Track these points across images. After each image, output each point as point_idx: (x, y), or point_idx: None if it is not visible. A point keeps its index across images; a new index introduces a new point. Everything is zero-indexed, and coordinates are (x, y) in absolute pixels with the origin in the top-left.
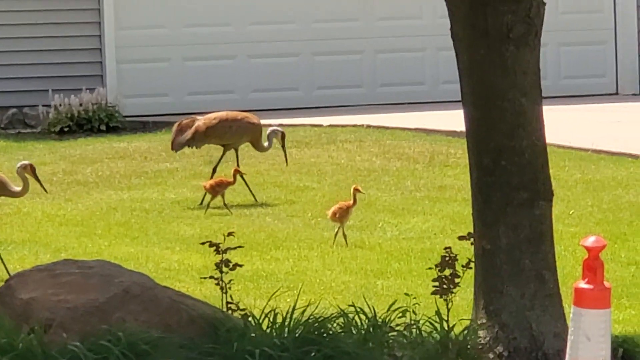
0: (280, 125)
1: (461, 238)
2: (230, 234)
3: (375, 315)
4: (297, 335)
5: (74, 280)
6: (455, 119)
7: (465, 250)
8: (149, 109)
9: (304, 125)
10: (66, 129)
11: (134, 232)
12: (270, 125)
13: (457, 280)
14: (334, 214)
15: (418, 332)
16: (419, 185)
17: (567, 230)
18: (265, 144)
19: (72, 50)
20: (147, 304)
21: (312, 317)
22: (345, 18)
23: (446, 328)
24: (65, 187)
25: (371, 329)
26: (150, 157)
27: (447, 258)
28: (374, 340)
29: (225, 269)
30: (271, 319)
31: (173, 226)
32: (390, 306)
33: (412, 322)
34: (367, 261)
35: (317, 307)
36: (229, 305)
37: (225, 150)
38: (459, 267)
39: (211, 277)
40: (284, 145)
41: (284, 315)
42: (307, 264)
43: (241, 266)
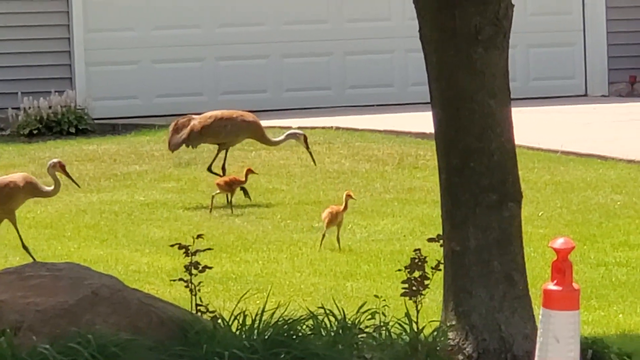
0: None
1: (430, 240)
2: (199, 236)
3: (345, 317)
4: (266, 337)
5: (43, 282)
6: (424, 121)
7: (435, 252)
8: (118, 111)
9: (273, 127)
10: (35, 132)
11: (104, 234)
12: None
13: (426, 282)
14: (325, 217)
15: (387, 333)
16: (388, 187)
17: (537, 231)
18: (274, 138)
19: (41, 52)
20: (116, 306)
21: (281, 319)
22: (314, 20)
23: (415, 330)
24: None
25: (340, 331)
26: (119, 159)
27: (417, 260)
28: (344, 342)
29: (194, 271)
30: (240, 321)
31: (142, 228)
32: (360, 308)
33: (382, 323)
34: (337, 263)
35: (286, 309)
36: (199, 308)
37: (221, 149)
38: (428, 269)
39: (180, 279)
40: (307, 147)
41: (254, 317)
42: (277, 266)
43: (210, 268)
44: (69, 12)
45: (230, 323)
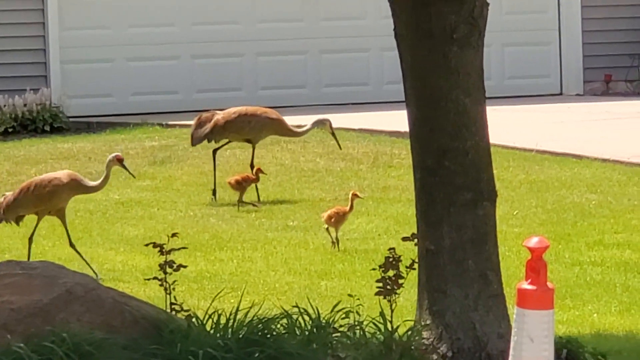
0: None
1: (405, 239)
2: (174, 234)
3: (319, 316)
4: (240, 336)
5: (17, 281)
6: (399, 120)
7: (409, 251)
8: (93, 109)
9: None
10: (10, 130)
11: (78, 233)
12: None
13: (400, 281)
14: (329, 218)
15: (362, 333)
16: (362, 186)
17: (511, 230)
18: (298, 129)
19: (16, 50)
20: (91, 304)
21: (255, 318)
22: (289, 19)
23: (390, 329)
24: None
25: (315, 330)
26: (94, 157)
27: (391, 259)
28: (318, 341)
29: (169, 270)
30: (215, 320)
31: (117, 227)
32: (334, 307)
33: (356, 323)
34: (311, 262)
35: (260, 308)
36: (173, 306)
37: (254, 144)
38: (402, 268)
39: (155, 278)
40: (333, 133)
41: (228, 316)
42: (251, 265)
43: (185, 267)
44: (44, 10)
45: (204, 322)
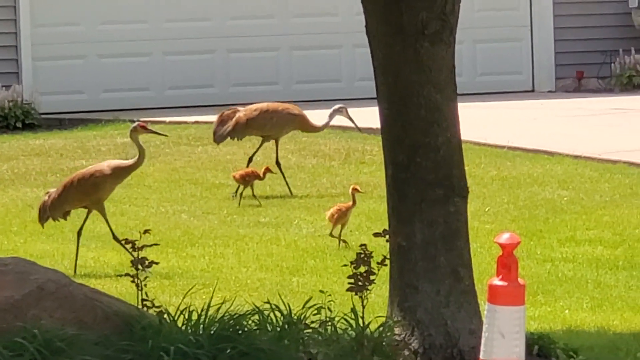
0: (196, 122)
1: (376, 235)
2: (146, 231)
3: (291, 312)
4: (212, 332)
5: None
6: (371, 116)
7: (381, 247)
8: (65, 106)
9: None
10: None
11: (50, 229)
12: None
13: (372, 277)
14: (332, 215)
15: (333, 329)
16: (334, 183)
17: (483, 227)
18: (319, 124)
19: None
20: (62, 301)
21: (227, 314)
22: (261, 15)
23: (361, 325)
24: None
25: (286, 326)
26: (66, 154)
27: (363, 255)
28: (289, 337)
29: (140, 266)
30: (186, 316)
31: (89, 223)
32: (306, 303)
33: (328, 319)
34: (283, 258)
35: (232, 304)
36: (145, 303)
37: (264, 141)
38: (374, 264)
39: (127, 274)
40: (350, 117)
41: (199, 312)
42: (223, 261)
43: (157, 263)
44: (15, 7)
45: (176, 318)
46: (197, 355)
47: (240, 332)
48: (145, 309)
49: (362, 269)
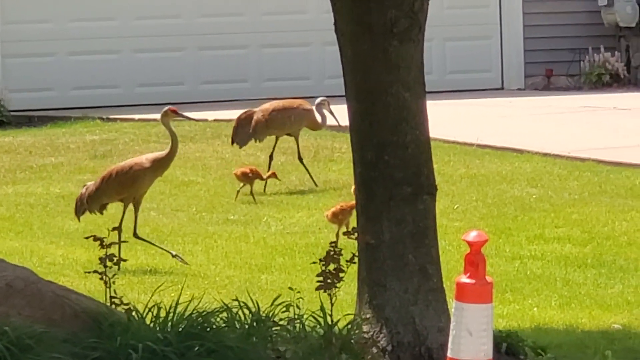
0: None
1: (345, 233)
2: (114, 228)
3: (259, 309)
4: (180, 329)
5: None
6: (340, 114)
7: (350, 245)
8: (34, 103)
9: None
10: None
11: (19, 226)
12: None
13: (341, 275)
14: (335, 215)
15: (302, 326)
16: (303, 180)
17: (452, 224)
18: (320, 121)
19: None
20: (31, 298)
21: (195, 311)
22: (230, 13)
23: (330, 323)
24: None
25: (255, 324)
26: (35, 151)
27: (332, 253)
28: (258, 334)
29: (109, 264)
30: (155, 314)
31: (58, 221)
32: (274, 301)
33: (296, 316)
34: (252, 256)
35: (200, 302)
36: (113, 300)
37: (277, 139)
38: (343, 262)
39: (95, 271)
40: (331, 111)
41: (168, 309)
42: (192, 259)
43: (125, 261)
44: None
45: (144, 315)
46: (165, 352)
47: (208, 329)
48: (113, 306)
49: (331, 266)
